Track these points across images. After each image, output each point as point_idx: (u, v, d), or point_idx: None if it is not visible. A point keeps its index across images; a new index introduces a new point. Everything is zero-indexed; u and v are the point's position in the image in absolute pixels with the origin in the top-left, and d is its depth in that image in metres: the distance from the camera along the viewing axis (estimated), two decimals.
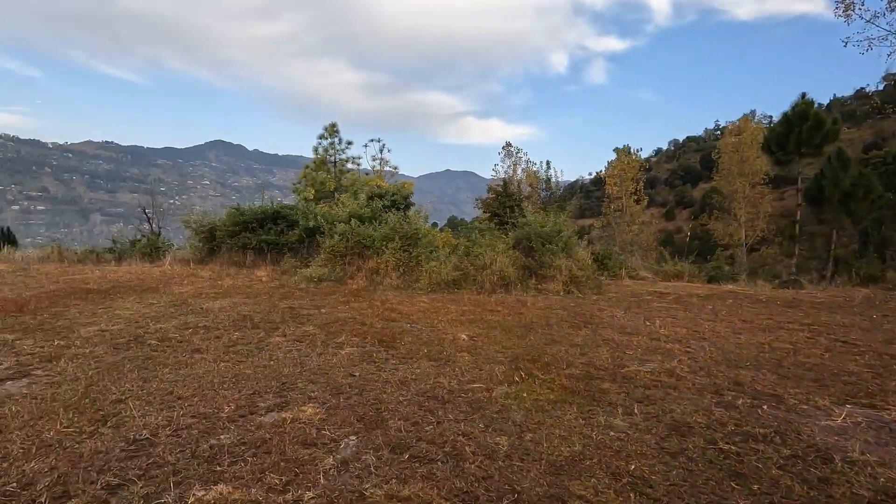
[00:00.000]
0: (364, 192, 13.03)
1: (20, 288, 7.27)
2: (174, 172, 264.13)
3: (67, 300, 6.40)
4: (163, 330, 5.06)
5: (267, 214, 11.08)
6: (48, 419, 2.85)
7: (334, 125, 19.21)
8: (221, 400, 3.28)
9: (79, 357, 4.05)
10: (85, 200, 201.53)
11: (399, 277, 9.05)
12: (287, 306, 6.57)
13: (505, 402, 3.38)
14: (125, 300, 6.59)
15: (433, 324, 5.90)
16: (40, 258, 11.02)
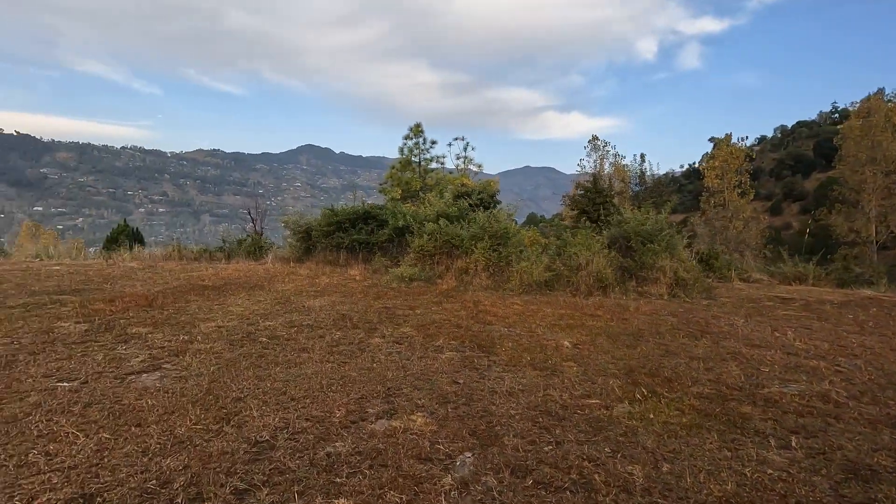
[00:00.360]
0: (449, 190, 12.99)
1: (149, 284, 8.07)
2: (270, 176, 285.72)
3: (188, 296, 6.96)
4: (271, 328, 5.27)
5: (358, 214, 11.41)
6: (179, 414, 2.99)
7: (419, 125, 19.48)
8: (331, 403, 3.27)
9: (201, 353, 4.30)
10: (196, 203, 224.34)
11: (489, 278, 8.85)
12: (382, 306, 6.63)
13: (629, 424, 3.03)
14: (236, 297, 7.04)
15: (531, 328, 5.62)
16: (164, 256, 12.28)
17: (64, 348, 4.32)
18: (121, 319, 5.45)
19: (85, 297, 6.74)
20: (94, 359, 4.07)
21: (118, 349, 4.37)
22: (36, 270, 9.35)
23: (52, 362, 3.94)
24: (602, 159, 28.28)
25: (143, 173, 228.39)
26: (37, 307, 6.00)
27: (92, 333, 4.85)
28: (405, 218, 10.82)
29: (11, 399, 3.16)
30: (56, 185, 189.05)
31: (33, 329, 4.92)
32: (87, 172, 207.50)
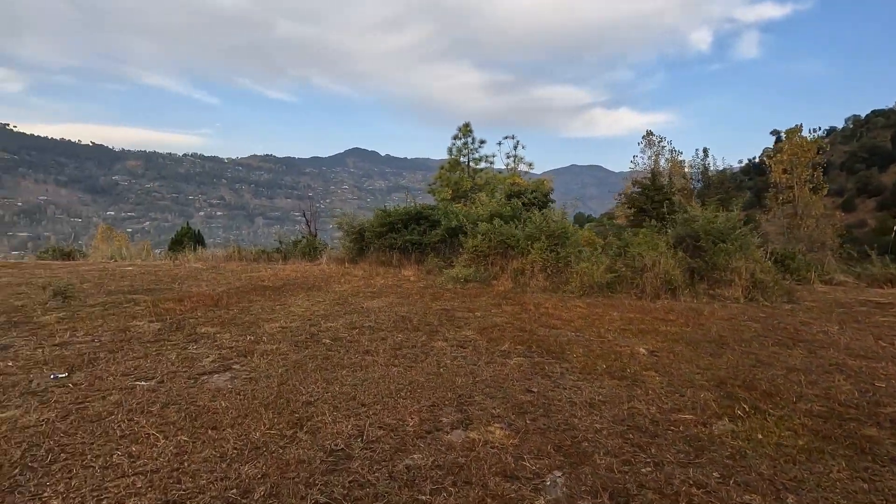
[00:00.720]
0: (500, 190, 12.73)
1: (213, 284, 8.33)
2: (319, 179, 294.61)
3: (251, 296, 7.10)
4: (333, 329, 5.24)
5: (411, 215, 11.37)
6: (252, 418, 2.94)
7: (468, 125, 19.32)
8: (403, 410, 3.13)
9: (268, 353, 4.30)
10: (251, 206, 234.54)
11: (546, 279, 8.54)
12: (440, 308, 6.49)
13: (735, 444, 2.70)
14: (296, 297, 7.11)
15: (600, 333, 5.30)
16: (225, 257, 12.76)
17: (140, 347, 4.44)
18: (190, 319, 5.59)
19: (156, 296, 7.01)
20: (168, 358, 4.15)
21: (189, 348, 4.44)
22: (111, 271, 9.90)
23: (129, 360, 4.04)
24: (657, 155, 27.05)
25: (203, 179, 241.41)
26: (114, 306, 6.28)
27: (164, 332, 4.98)
28: (458, 218, 10.67)
29: (95, 397, 3.23)
30: (126, 191, 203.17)
31: (111, 327, 5.11)
32: (153, 179, 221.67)
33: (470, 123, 19.15)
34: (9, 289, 7.30)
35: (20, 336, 4.71)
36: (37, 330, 4.94)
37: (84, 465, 2.37)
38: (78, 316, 5.63)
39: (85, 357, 4.08)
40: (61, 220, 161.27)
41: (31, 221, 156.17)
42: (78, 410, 3.01)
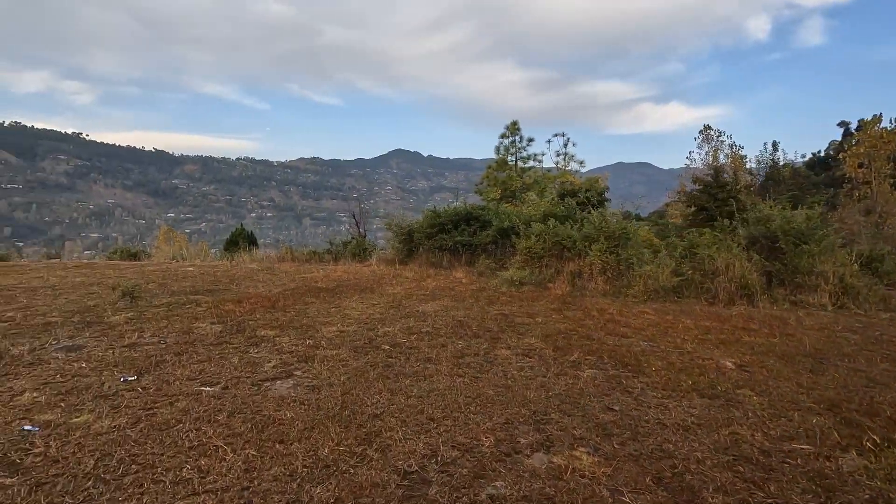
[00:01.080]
0: (551, 189, 12.30)
1: (269, 285, 8.45)
2: (364, 180, 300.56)
3: (306, 298, 7.11)
4: (391, 334, 5.09)
5: (461, 216, 11.17)
6: (319, 431, 2.80)
7: (515, 123, 18.92)
8: (475, 427, 2.90)
9: (328, 359, 4.19)
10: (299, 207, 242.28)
11: (606, 283, 8.09)
12: (498, 312, 6.23)
13: (873, 486, 2.30)
14: (350, 300, 7.05)
15: (676, 343, 4.88)
16: (278, 258, 13.03)
17: (203, 349, 4.45)
18: (249, 321, 5.60)
19: (216, 297, 7.14)
20: (231, 362, 4.11)
21: (251, 352, 4.40)
22: (173, 271, 10.27)
23: (194, 364, 4.03)
24: (716, 150, 25.57)
25: (254, 181, 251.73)
26: (177, 306, 6.42)
27: (225, 335, 4.99)
28: (510, 218, 10.37)
29: (163, 403, 3.20)
30: (185, 194, 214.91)
31: (176, 329, 5.18)
32: (209, 182, 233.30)
33: (518, 122, 18.77)
34: (82, 289, 7.65)
35: (92, 336, 4.84)
36: (107, 330, 5.08)
37: (155, 480, 2.28)
38: (145, 317, 5.78)
39: (152, 360, 4.11)
40: (127, 221, 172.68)
41: (102, 223, 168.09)
42: (147, 417, 2.97)
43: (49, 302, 6.54)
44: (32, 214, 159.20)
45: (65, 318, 5.61)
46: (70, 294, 7.15)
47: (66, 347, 4.41)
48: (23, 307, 6.17)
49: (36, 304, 6.34)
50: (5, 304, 6.39)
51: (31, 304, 6.35)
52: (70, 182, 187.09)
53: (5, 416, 2.95)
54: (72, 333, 4.94)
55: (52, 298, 6.79)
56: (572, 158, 17.47)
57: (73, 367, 3.88)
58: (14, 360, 4.03)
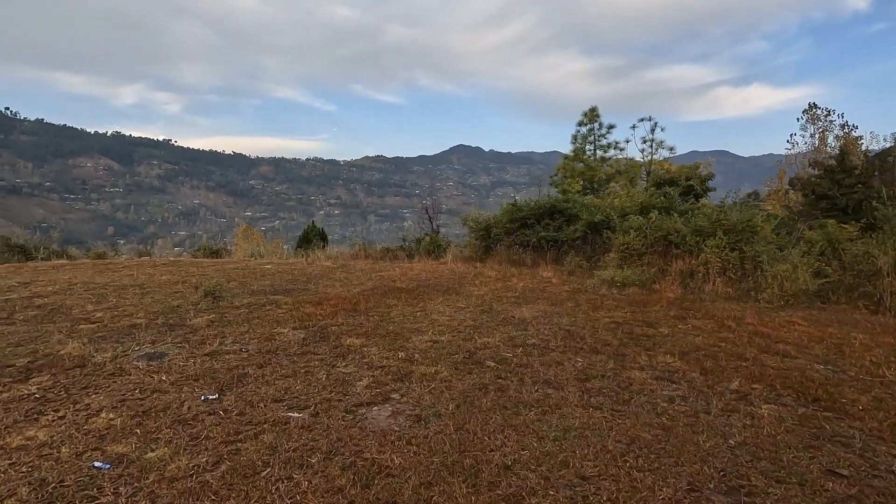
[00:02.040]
0: (646, 178, 11.03)
1: (347, 284, 8.06)
2: (425, 176, 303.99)
3: (387, 300, 6.59)
4: (492, 346, 4.38)
5: (544, 209, 10.26)
6: (440, 489, 2.14)
7: (594, 110, 17.58)
8: (649, 494, 2.11)
9: (427, 378, 3.55)
10: (364, 205, 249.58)
11: (728, 284, 6.90)
12: (609, 320, 5.33)
13: None
14: (434, 302, 6.44)
15: (867, 368, 3.77)
16: (352, 255, 12.81)
17: (287, 361, 3.97)
18: (332, 326, 5.12)
19: (295, 297, 6.80)
20: (318, 378, 3.58)
21: (338, 366, 3.86)
22: (252, 269, 10.23)
23: (278, 380, 3.54)
24: (824, 132, 22.56)
25: (322, 180, 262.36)
26: (257, 308, 6.11)
27: (309, 343, 4.51)
28: (602, 211, 9.32)
29: (247, 434, 2.68)
30: (260, 194, 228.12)
31: (257, 334, 4.79)
32: (282, 182, 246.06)
33: (597, 108, 17.40)
34: (167, 287, 7.63)
35: (174, 342, 4.54)
36: (189, 335, 4.77)
37: None
38: (226, 319, 5.47)
39: (234, 373, 3.67)
40: (210, 220, 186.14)
41: (189, 222, 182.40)
42: (230, 455, 2.45)
43: (136, 301, 6.47)
44: (131, 214, 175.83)
45: (149, 319, 5.43)
46: (156, 293, 7.11)
47: (147, 355, 4.10)
48: (111, 307, 6.11)
49: (124, 304, 6.27)
50: (97, 303, 6.39)
51: (119, 304, 6.29)
52: (161, 184, 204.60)
53: (78, 445, 2.55)
54: (154, 338, 4.68)
55: (139, 297, 6.74)
56: (661, 145, 15.84)
57: (154, 381, 3.51)
58: (96, 369, 3.75)
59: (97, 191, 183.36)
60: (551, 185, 18.43)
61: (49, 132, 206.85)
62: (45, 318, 5.49)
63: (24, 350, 4.23)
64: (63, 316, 5.62)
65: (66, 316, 5.62)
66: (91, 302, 6.43)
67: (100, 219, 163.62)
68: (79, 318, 5.54)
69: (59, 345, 4.36)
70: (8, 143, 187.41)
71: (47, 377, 3.57)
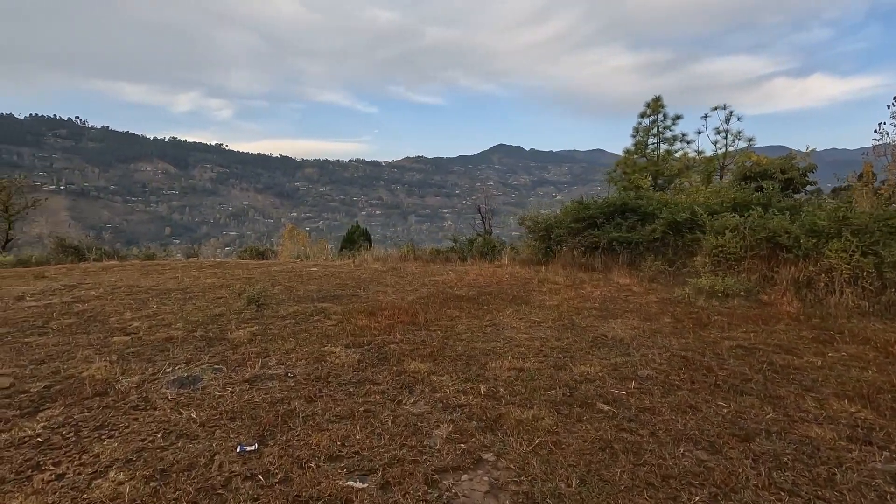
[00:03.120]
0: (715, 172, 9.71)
1: (400, 291, 7.32)
2: (465, 177, 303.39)
3: (448, 310, 5.77)
4: (594, 378, 3.46)
5: (615, 207, 9.17)
6: None
7: (658, 100, 16.16)
8: None
9: (525, 429, 2.68)
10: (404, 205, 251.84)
11: (862, 296, 5.64)
12: (732, 343, 4.28)
13: None
14: (502, 313, 5.57)
15: None
16: (400, 257, 12.12)
17: (341, 394, 3.21)
18: (390, 344, 4.34)
19: (345, 305, 6.10)
20: (382, 421, 2.79)
21: (405, 403, 3.06)
22: (298, 272, 9.69)
23: (333, 423, 2.77)
24: None
25: (364, 181, 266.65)
26: (304, 318, 5.43)
27: (366, 367, 3.75)
28: (689, 209, 8.15)
29: None
30: (304, 195, 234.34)
31: (305, 354, 4.07)
32: (325, 183, 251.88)
33: (661, 98, 15.97)
34: (211, 292, 7.13)
35: (211, 361, 3.88)
36: (228, 353, 4.12)
37: None
38: (270, 332, 4.81)
39: (278, 410, 2.94)
40: (258, 220, 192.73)
41: (238, 222, 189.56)
42: None
43: (176, 309, 5.96)
44: (186, 216, 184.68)
45: (187, 331, 4.84)
46: (198, 299, 6.60)
47: (179, 380, 3.44)
48: (150, 315, 5.60)
49: (163, 312, 5.75)
50: (137, 309, 5.91)
51: (159, 312, 5.78)
52: (214, 187, 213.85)
53: None
54: (190, 355, 4.05)
55: (181, 304, 6.23)
56: (738, 136, 14.20)
57: (181, 419, 2.82)
58: (118, 400, 3.11)
59: (156, 193, 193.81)
60: (609, 182, 17.17)
61: (113, 139, 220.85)
62: (79, 328, 5.01)
63: (45, 370, 3.68)
64: (98, 325, 5.13)
65: (102, 325, 5.13)
66: (130, 308, 5.96)
67: (158, 220, 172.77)
68: (114, 327, 5.03)
69: (84, 363, 3.79)
70: (77, 149, 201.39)
71: (60, 410, 2.95)
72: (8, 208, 12.79)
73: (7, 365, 3.80)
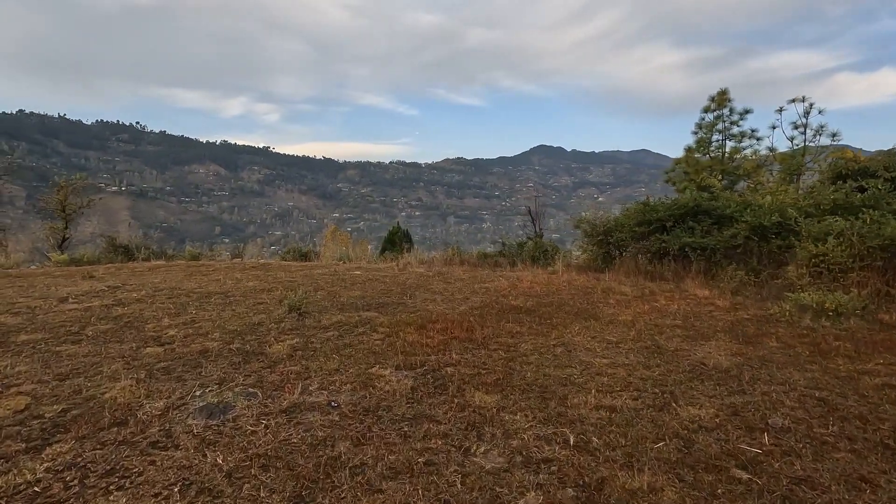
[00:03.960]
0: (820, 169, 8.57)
1: (449, 299, 6.74)
2: (505, 178, 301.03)
3: (505, 323, 5.13)
4: (710, 425, 2.72)
5: (686, 210, 8.24)
6: None
7: (724, 92, 14.89)
8: None
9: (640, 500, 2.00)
10: (444, 206, 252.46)
11: None
12: (878, 383, 3.41)
13: None
14: (570, 330, 4.87)
15: None
16: (444, 260, 11.56)
17: (395, 435, 2.63)
18: (447, 367, 3.75)
19: (391, 315, 5.56)
20: (449, 481, 2.19)
21: (473, 451, 2.45)
22: (341, 275, 9.29)
23: (386, 480, 2.19)
24: None
25: (404, 183, 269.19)
26: (348, 330, 4.93)
27: (421, 396, 3.17)
28: (777, 212, 7.15)
29: None
30: (346, 196, 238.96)
31: (350, 377, 3.53)
32: (366, 185, 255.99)
33: (727, 90, 14.69)
34: (252, 297, 6.79)
35: (245, 383, 3.41)
36: (265, 372, 3.64)
37: None
38: (311, 346, 4.32)
39: (320, 456, 2.39)
40: (302, 221, 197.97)
41: (283, 223, 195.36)
42: None
43: (215, 315, 5.60)
44: (234, 216, 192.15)
45: (224, 342, 4.43)
46: (239, 304, 6.25)
47: (208, 408, 2.97)
48: (188, 322, 5.25)
49: (202, 318, 5.40)
50: (174, 315, 5.59)
51: (197, 318, 5.44)
52: (261, 188, 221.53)
53: None
54: (223, 374, 3.59)
55: (220, 309, 5.88)
56: (820, 130, 12.68)
57: (206, 465, 2.32)
58: (137, 433, 2.65)
59: (207, 194, 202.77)
60: (668, 183, 16.01)
61: (169, 142, 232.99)
62: (114, 336, 4.70)
63: (67, 388, 3.31)
64: (134, 332, 4.81)
65: (138, 333, 4.80)
66: (169, 313, 5.65)
67: (209, 220, 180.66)
68: (149, 336, 4.69)
69: (109, 381, 3.40)
70: (137, 152, 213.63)
71: (70, 445, 2.51)
72: (65, 208, 13.12)
73: (30, 380, 3.46)
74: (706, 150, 14.95)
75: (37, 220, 17.40)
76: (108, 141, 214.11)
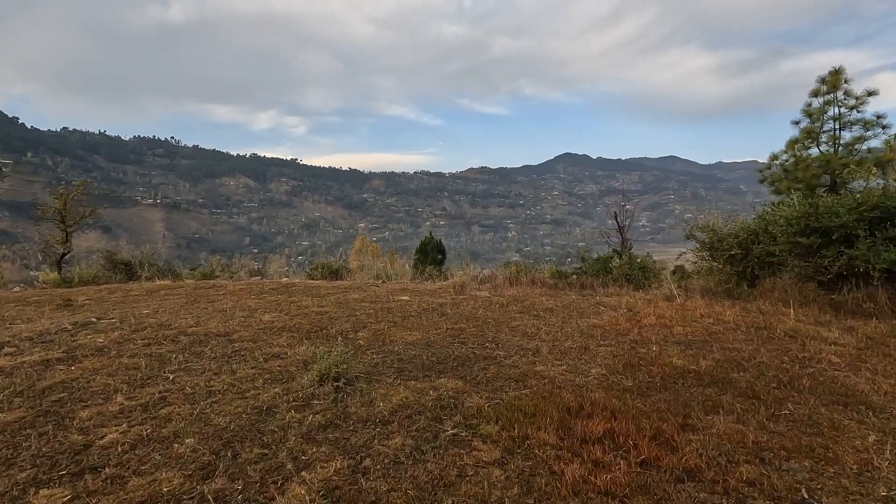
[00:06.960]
0: None
1: (558, 350, 4.48)
2: (530, 186, 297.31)
3: (681, 406, 2.84)
4: None
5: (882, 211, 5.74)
6: None
7: (837, 72, 12.23)
8: None
9: None
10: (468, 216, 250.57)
11: None
12: None
13: None
14: (800, 432, 2.53)
15: None
16: (507, 278, 9.27)
17: None
18: None
19: (489, 391, 3.32)
20: None
21: None
22: (384, 301, 7.10)
23: None
24: None
25: (429, 192, 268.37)
26: (426, 429, 2.71)
27: None
28: None
29: None
30: (372, 206, 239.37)
31: None
32: (392, 195, 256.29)
33: (843, 70, 12.06)
34: (265, 344, 4.64)
35: None
36: None
37: None
38: (365, 489, 2.11)
39: None
40: (329, 231, 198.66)
41: (310, 233, 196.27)
42: None
43: (204, 382, 3.47)
44: (263, 226, 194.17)
45: (194, 477, 2.25)
46: (244, 358, 4.11)
47: None
48: (151, 405, 3.11)
49: (176, 398, 3.25)
50: (138, 386, 3.48)
51: (175, 386, 3.32)
52: (288, 199, 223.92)
53: None
54: None
55: (213, 373, 3.74)
56: None
57: None
58: None
59: (237, 206, 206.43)
60: (764, 183, 13.37)
61: (202, 156, 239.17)
62: (29, 426, 2.61)
63: None
64: (43, 440, 2.69)
65: (48, 441, 2.67)
66: (131, 382, 3.53)
67: (239, 230, 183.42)
68: (64, 448, 2.56)
69: None
70: (172, 166, 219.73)
71: None
72: (64, 218, 11.42)
73: None
74: (816, 141, 12.29)
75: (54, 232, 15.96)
76: (145, 155, 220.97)
